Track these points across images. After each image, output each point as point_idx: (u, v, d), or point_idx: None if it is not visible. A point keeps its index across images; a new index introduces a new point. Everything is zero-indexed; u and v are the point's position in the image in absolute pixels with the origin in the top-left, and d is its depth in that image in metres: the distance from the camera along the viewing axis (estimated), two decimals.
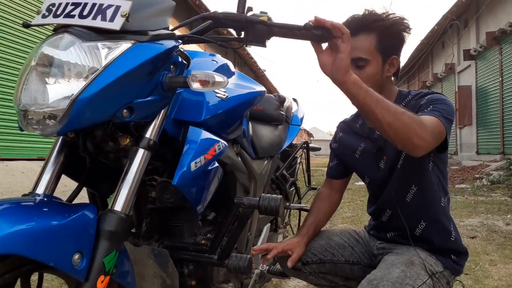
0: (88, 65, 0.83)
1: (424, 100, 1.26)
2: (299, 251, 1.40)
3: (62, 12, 0.87)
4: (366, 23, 1.28)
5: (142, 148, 0.94)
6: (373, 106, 1.04)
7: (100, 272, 0.81)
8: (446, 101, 1.25)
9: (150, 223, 1.22)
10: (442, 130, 1.16)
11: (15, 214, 0.75)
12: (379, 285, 1.11)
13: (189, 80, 0.94)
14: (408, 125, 1.05)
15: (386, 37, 1.28)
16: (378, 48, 1.28)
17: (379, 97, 1.05)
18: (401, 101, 1.34)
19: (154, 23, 0.95)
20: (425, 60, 17.15)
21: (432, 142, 1.11)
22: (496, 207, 4.97)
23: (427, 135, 1.08)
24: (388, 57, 1.30)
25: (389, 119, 1.04)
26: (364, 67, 1.27)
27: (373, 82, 1.27)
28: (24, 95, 0.83)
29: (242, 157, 1.46)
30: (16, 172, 4.78)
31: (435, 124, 1.14)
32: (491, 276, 2.55)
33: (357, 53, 1.26)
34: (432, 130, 1.11)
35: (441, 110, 1.19)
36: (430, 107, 1.21)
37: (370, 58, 1.27)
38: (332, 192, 1.60)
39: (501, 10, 10.45)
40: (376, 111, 1.04)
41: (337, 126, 1.61)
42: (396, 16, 1.30)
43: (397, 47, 1.32)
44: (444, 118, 1.16)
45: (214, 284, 1.29)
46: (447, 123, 1.18)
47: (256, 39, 1.12)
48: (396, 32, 1.30)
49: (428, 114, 1.17)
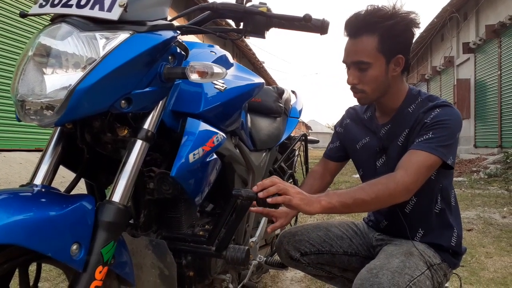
0: (86, 56, 0.82)
1: (429, 118, 1.24)
2: (284, 221, 1.35)
3: (60, 2, 0.86)
4: (368, 23, 1.22)
5: (140, 139, 0.94)
6: (352, 207, 1.14)
7: (98, 262, 0.81)
8: (450, 122, 1.23)
9: (148, 214, 1.22)
10: (433, 162, 1.19)
11: (13, 204, 0.75)
12: (378, 274, 1.12)
13: (188, 71, 0.94)
14: (385, 193, 1.14)
15: (390, 37, 1.22)
16: (380, 50, 1.22)
17: (350, 194, 1.13)
18: (410, 104, 1.32)
19: (152, 14, 0.94)
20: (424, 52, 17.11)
21: (414, 185, 1.17)
22: (493, 200, 5.00)
23: (405, 186, 1.15)
24: (392, 57, 1.25)
25: (368, 202, 1.14)
26: (367, 69, 1.24)
27: (378, 84, 1.26)
28: (21, 86, 0.82)
29: (240, 149, 1.46)
30: (13, 163, 4.78)
31: (423, 160, 1.18)
32: (487, 268, 2.57)
33: (358, 56, 1.23)
34: (416, 171, 1.17)
35: (439, 137, 1.20)
36: (429, 133, 1.21)
37: (372, 61, 1.23)
38: (325, 172, 1.60)
39: (501, 3, 10.41)
40: (355, 209, 1.15)
41: (346, 110, 1.59)
42: (402, 13, 1.23)
43: (403, 45, 1.26)
44: (440, 147, 1.19)
45: (212, 275, 1.30)
46: (445, 149, 1.20)
47: (255, 30, 1.12)
48: (401, 30, 1.23)
49: (421, 147, 1.20)
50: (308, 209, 1.08)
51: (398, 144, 1.32)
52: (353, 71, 1.27)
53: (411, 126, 1.29)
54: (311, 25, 1.07)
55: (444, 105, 1.26)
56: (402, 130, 1.32)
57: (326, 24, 1.18)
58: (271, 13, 1.09)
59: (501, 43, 10.40)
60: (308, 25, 1.06)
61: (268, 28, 1.11)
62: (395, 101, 1.33)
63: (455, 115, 1.25)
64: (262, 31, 1.11)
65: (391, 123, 1.35)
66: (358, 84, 1.27)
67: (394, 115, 1.34)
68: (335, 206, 1.11)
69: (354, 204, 1.13)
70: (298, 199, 1.07)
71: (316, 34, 1.18)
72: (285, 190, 1.07)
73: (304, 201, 1.08)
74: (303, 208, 1.08)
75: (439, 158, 1.19)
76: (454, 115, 1.25)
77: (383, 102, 1.35)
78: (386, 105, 1.35)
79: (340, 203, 1.11)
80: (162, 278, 1.11)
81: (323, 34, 1.19)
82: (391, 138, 1.35)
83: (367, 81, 1.26)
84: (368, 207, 1.21)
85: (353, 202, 1.12)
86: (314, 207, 1.09)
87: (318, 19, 1.14)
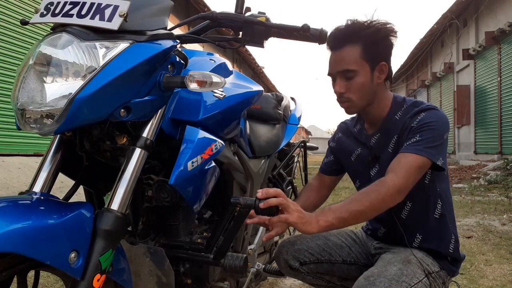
0: (86, 65, 0.83)
1: (415, 122, 1.27)
2: (279, 230, 1.31)
3: (61, 11, 0.87)
4: (350, 34, 1.28)
5: (139, 148, 0.94)
6: (349, 220, 1.14)
7: (96, 270, 0.81)
8: (436, 123, 1.25)
9: (147, 221, 1.22)
10: (421, 163, 1.21)
11: (12, 212, 0.75)
12: (375, 281, 1.12)
13: (187, 80, 0.94)
14: (378, 199, 1.15)
15: (371, 45, 1.28)
16: (364, 57, 1.27)
17: (346, 207, 1.14)
18: (396, 112, 1.35)
19: (152, 23, 0.95)
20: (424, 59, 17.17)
21: (404, 187, 1.18)
22: (493, 207, 4.99)
23: (396, 188, 1.16)
24: (376, 64, 1.30)
25: (364, 211, 1.15)
26: (353, 77, 1.28)
27: (364, 91, 1.30)
28: (22, 94, 0.83)
29: (239, 156, 1.46)
30: (12, 168, 4.78)
31: (411, 162, 1.20)
32: (486, 276, 2.56)
33: (344, 65, 1.28)
34: (405, 172, 1.18)
35: (427, 139, 1.22)
36: (417, 136, 1.24)
37: (358, 68, 1.27)
38: (321, 186, 1.62)
39: (500, 10, 10.46)
40: (353, 221, 1.16)
41: (337, 125, 1.63)
42: (379, 22, 1.29)
43: (385, 53, 1.31)
44: (428, 148, 1.21)
45: (210, 283, 1.30)
46: (433, 150, 1.22)
47: (254, 39, 1.13)
48: (380, 38, 1.29)
49: (409, 150, 1.22)
50: (306, 229, 1.09)
51: (389, 151, 1.34)
52: (340, 81, 1.30)
53: (399, 133, 1.31)
54: (309, 35, 1.08)
55: (429, 109, 1.29)
56: (391, 137, 1.34)
57: (324, 33, 1.19)
58: (270, 22, 1.11)
59: (500, 49, 10.45)
60: (307, 34, 1.07)
61: (267, 37, 1.12)
62: (382, 110, 1.36)
63: (441, 116, 1.28)
64: (261, 40, 1.12)
65: (380, 132, 1.38)
66: (345, 92, 1.30)
67: (382, 124, 1.37)
68: (332, 224, 1.12)
69: (351, 216, 1.13)
70: (296, 217, 1.07)
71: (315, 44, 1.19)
72: (286, 206, 1.07)
73: (302, 220, 1.08)
74: (300, 228, 1.08)
75: (428, 159, 1.21)
76: (439, 117, 1.27)
77: (370, 112, 1.37)
78: (373, 114, 1.38)
79: (337, 219, 1.12)
80: (160, 285, 1.11)
81: (321, 43, 1.20)
82: (381, 147, 1.37)
83: (354, 89, 1.29)
84: (365, 216, 1.22)
85: (349, 215, 1.13)
86: (312, 227, 1.09)
87: (316, 29, 1.16)
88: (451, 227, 1.37)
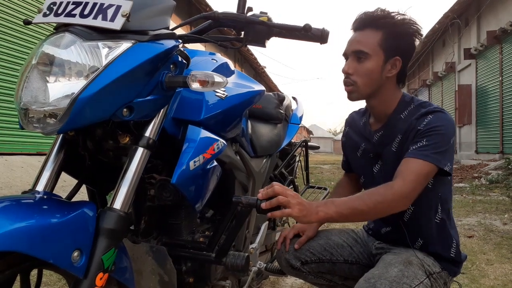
0: (88, 64, 0.83)
1: (422, 125, 1.25)
2: (310, 233, 1.45)
3: (63, 11, 0.87)
4: (375, 19, 1.27)
5: (141, 147, 0.95)
6: (349, 217, 1.16)
7: (99, 269, 0.82)
8: (443, 128, 1.24)
9: (149, 220, 1.23)
10: (429, 170, 1.20)
11: (15, 211, 0.76)
12: (376, 283, 1.12)
13: (189, 80, 0.95)
14: (383, 203, 1.15)
15: (392, 36, 1.27)
16: (382, 45, 1.26)
17: (349, 203, 1.15)
18: (402, 111, 1.33)
19: (154, 23, 0.95)
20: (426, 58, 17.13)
21: (412, 194, 1.18)
22: (494, 206, 4.99)
23: (403, 195, 1.16)
24: (391, 57, 1.28)
25: (366, 211, 1.15)
26: (364, 61, 1.27)
27: (371, 78, 1.28)
28: (25, 94, 0.83)
29: (241, 156, 1.46)
30: (15, 167, 4.79)
31: (420, 169, 1.19)
32: (487, 275, 2.56)
33: (359, 46, 1.27)
34: (413, 180, 1.18)
35: (434, 144, 1.21)
36: (423, 140, 1.22)
37: (371, 53, 1.26)
38: (351, 181, 1.65)
39: (502, 9, 10.44)
40: (353, 219, 1.18)
41: (346, 119, 1.62)
42: (407, 17, 1.28)
43: (403, 49, 1.30)
44: (435, 154, 1.20)
45: (212, 282, 1.30)
46: (440, 155, 1.21)
47: (256, 39, 1.13)
48: (403, 32, 1.28)
49: (416, 155, 1.21)
50: (305, 221, 1.10)
51: (392, 150, 1.33)
52: (351, 61, 1.29)
53: (403, 133, 1.30)
54: (311, 35, 1.08)
55: (436, 111, 1.27)
56: (395, 136, 1.33)
57: (326, 33, 1.19)
58: (271, 22, 1.11)
59: (502, 49, 10.42)
60: (308, 34, 1.07)
61: (268, 37, 1.12)
62: (388, 107, 1.35)
63: (448, 120, 1.26)
64: (262, 40, 1.12)
65: (383, 129, 1.37)
66: (352, 74, 1.29)
67: (386, 122, 1.36)
68: (332, 217, 1.12)
69: (351, 214, 1.14)
70: (297, 211, 1.08)
71: (316, 43, 1.20)
72: (286, 202, 1.08)
73: (303, 212, 1.09)
74: (300, 220, 1.10)
75: (435, 165, 1.20)
76: (447, 121, 1.26)
77: (375, 107, 1.36)
78: (379, 110, 1.37)
79: (338, 213, 1.12)
80: (162, 284, 1.11)
81: (323, 43, 1.20)
82: (383, 144, 1.36)
83: (361, 73, 1.28)
84: (365, 216, 1.23)
85: (350, 213, 1.13)
86: (311, 218, 1.10)
87: (318, 29, 1.16)
88: (453, 232, 1.37)
